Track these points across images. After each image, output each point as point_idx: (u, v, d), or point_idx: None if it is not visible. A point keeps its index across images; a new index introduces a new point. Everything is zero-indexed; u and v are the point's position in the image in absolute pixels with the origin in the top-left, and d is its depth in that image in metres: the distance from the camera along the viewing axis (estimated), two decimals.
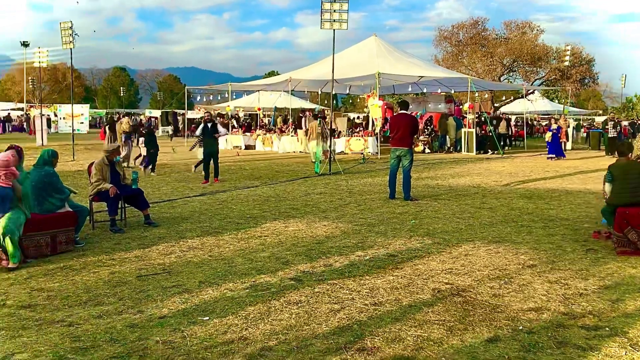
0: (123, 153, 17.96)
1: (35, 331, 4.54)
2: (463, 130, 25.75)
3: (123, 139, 19.04)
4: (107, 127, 21.38)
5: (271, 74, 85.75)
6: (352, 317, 4.88)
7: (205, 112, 18.21)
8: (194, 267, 6.48)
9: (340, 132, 25.87)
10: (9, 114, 55.50)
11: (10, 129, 50.88)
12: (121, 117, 20.12)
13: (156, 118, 52.30)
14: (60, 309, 5.08)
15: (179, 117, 46.26)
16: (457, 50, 48.00)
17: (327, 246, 7.49)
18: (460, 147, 25.73)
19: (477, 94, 35.15)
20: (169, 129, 43.96)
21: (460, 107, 30.18)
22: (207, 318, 4.83)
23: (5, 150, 6.91)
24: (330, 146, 17.43)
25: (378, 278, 6.04)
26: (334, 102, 29.17)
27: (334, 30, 16.36)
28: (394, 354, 4.11)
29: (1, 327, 4.63)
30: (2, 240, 6.33)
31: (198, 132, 14.83)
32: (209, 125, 14.24)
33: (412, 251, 7.25)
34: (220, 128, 14.79)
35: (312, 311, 5.01)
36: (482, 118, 27.46)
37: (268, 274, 6.18)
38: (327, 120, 19.05)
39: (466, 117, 26.43)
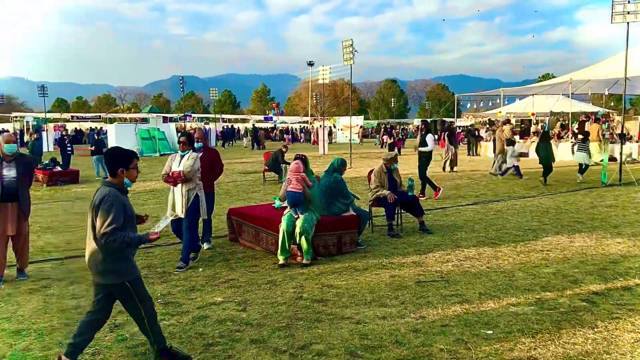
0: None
1: (328, 325, 4.92)
2: None
3: (505, 145, 17.68)
4: (445, 135, 21.41)
5: (545, 77, 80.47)
6: None
7: (420, 120, 17.48)
8: (472, 278, 6.32)
9: (631, 137, 22.87)
10: (299, 127, 62.85)
11: (300, 140, 57.28)
12: (502, 124, 19.37)
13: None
14: (348, 306, 5.42)
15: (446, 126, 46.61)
16: None
17: (624, 266, 6.59)
18: None
19: None
20: (435, 137, 44.72)
21: None
22: (491, 332, 4.62)
23: (294, 160, 7.69)
24: (621, 153, 15.48)
25: None
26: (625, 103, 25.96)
27: (627, 23, 14.50)
28: None
29: (300, 317, 5.13)
30: (298, 238, 7.06)
31: (432, 142, 13.88)
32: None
33: None
34: (428, 139, 13.61)
35: (612, 339, 4.42)
36: None
37: (554, 292, 5.69)
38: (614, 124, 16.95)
39: None
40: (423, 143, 13.69)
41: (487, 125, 37.73)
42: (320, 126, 36.85)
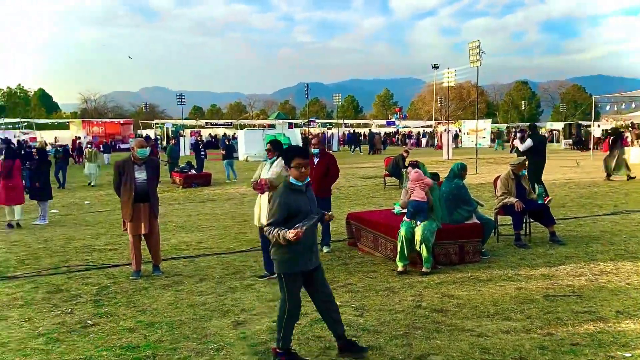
0: None
1: (447, 336, 4.76)
2: None
3: None
4: (611, 140, 19.62)
5: None
6: None
7: (528, 125, 15.97)
8: (608, 294, 5.81)
9: None
10: (423, 131, 62.04)
11: (422, 145, 56.34)
12: None
13: (558, 131, 51.67)
14: (469, 318, 5.21)
15: (582, 129, 43.96)
16: None
17: None
18: None
19: None
20: (570, 141, 42.33)
21: None
22: (630, 355, 4.22)
23: (410, 167, 7.54)
24: None
25: None
26: None
27: None
28: None
29: (418, 326, 5.01)
30: (418, 246, 6.93)
31: (525, 146, 12.39)
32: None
33: None
34: (518, 145, 12.79)
35: None
36: None
37: None
38: None
39: None
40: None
41: (630, 128, 34.74)
42: (445, 130, 36.04)
